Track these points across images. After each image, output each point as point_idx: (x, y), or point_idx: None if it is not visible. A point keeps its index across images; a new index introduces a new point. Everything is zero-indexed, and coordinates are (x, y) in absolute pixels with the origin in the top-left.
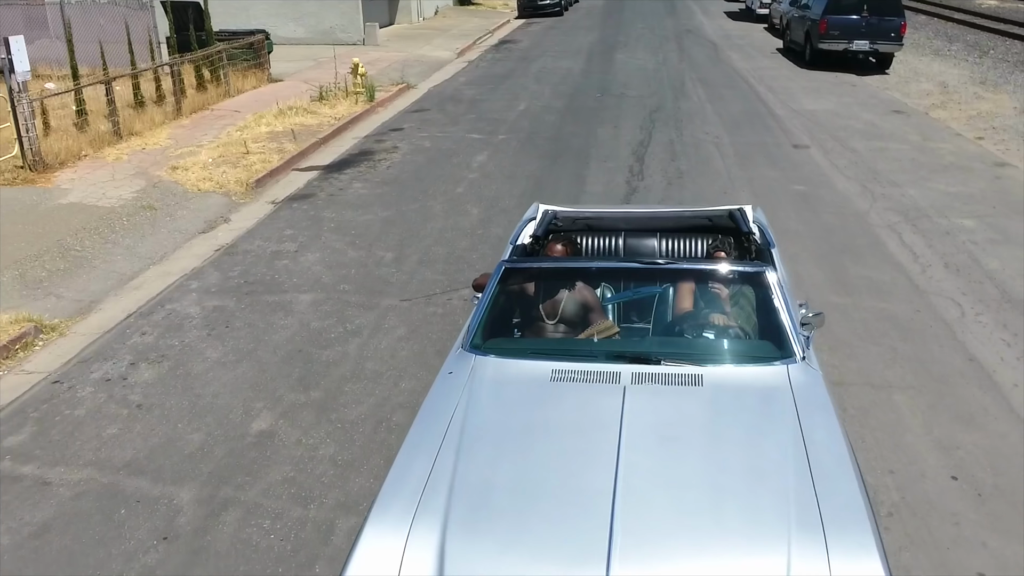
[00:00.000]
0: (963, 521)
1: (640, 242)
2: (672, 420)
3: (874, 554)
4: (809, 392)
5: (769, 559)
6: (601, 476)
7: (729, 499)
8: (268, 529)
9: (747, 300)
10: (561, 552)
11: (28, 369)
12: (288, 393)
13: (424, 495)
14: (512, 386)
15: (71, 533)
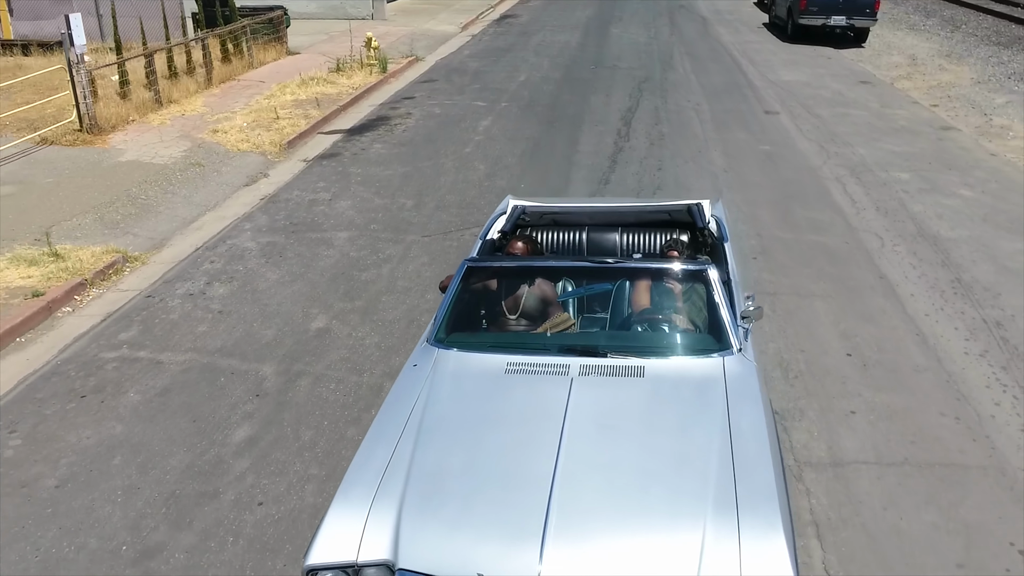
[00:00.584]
0: (848, 381)
1: (602, 237)
2: (612, 410)
3: (780, 533)
4: (741, 383)
5: (687, 536)
6: (543, 462)
7: (655, 482)
8: (333, 389)
9: (698, 295)
10: (502, 531)
11: (123, 288)
12: (337, 302)
13: (383, 481)
14: (470, 379)
15: (186, 393)
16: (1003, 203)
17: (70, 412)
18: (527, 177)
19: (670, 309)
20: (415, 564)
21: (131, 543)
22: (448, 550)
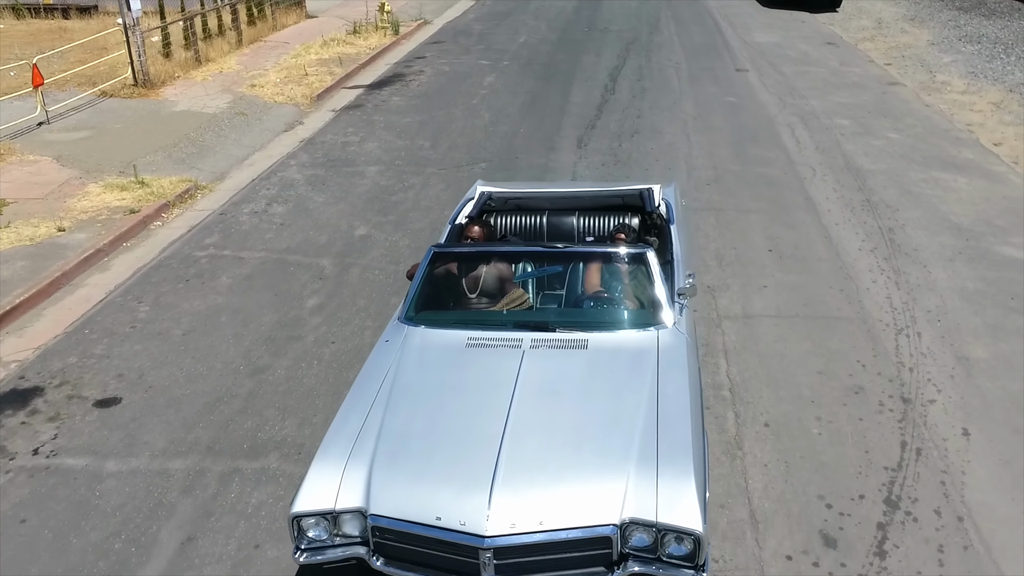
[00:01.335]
0: (766, 268)
1: (561, 220)
2: (556, 378)
3: (692, 484)
4: (672, 353)
5: (612, 486)
6: (494, 424)
7: (588, 440)
8: (377, 274)
9: (641, 274)
10: (458, 481)
11: (199, 208)
12: (374, 217)
13: (357, 442)
14: (435, 352)
15: (265, 278)
16: (922, 144)
17: (180, 289)
18: (525, 123)
19: (616, 287)
20: (383, 510)
21: (245, 365)
22: (411, 498)
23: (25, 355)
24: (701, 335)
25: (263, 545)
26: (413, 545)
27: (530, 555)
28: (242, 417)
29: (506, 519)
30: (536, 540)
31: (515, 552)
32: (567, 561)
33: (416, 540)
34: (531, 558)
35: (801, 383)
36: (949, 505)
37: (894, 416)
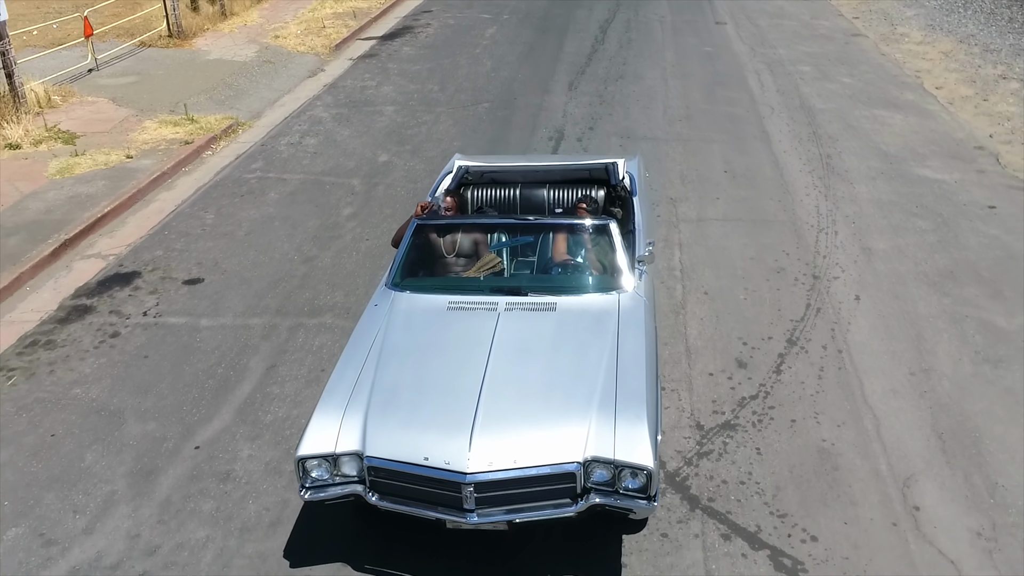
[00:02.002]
0: (720, 184)
1: (533, 193)
2: (528, 337)
3: (645, 427)
4: (631, 315)
5: (576, 429)
6: (473, 377)
7: (556, 391)
8: (399, 190)
9: (604, 243)
10: (442, 426)
11: (242, 141)
12: (393, 147)
13: (352, 394)
14: (419, 315)
15: (306, 193)
16: (871, 87)
17: (236, 203)
18: (523, 70)
19: (581, 255)
20: (378, 452)
21: (298, 256)
22: (402, 441)
23: (119, 250)
24: (662, 237)
25: (327, 369)
26: (404, 482)
27: (505, 489)
28: (300, 290)
29: (484, 458)
30: (511, 476)
31: (492, 487)
32: (538, 494)
33: (406, 478)
34: (506, 492)
35: (736, 266)
36: (834, 343)
37: (804, 287)
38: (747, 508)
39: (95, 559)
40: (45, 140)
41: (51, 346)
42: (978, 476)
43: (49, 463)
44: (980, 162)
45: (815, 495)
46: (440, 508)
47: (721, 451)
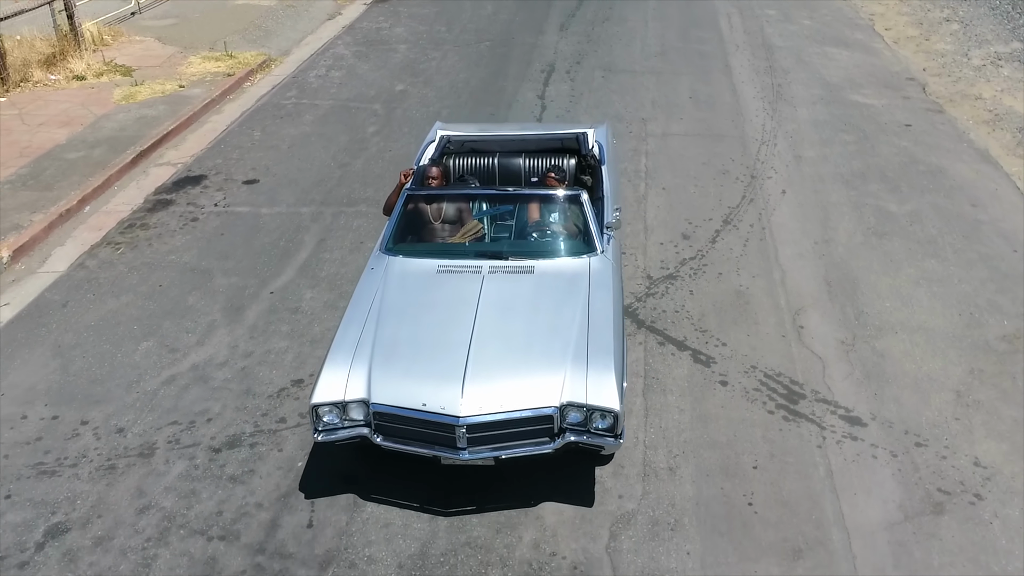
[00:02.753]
0: (684, 108)
1: (510, 161)
2: (510, 297)
3: (612, 376)
4: (600, 276)
5: (553, 378)
6: (462, 333)
7: (536, 344)
8: (414, 114)
9: (575, 212)
10: (437, 376)
11: (275, 74)
12: (408, 78)
13: (357, 349)
14: (412, 277)
15: (336, 115)
16: (827, 28)
17: (278, 123)
18: (521, 14)
19: (555, 223)
20: (381, 399)
21: (334, 163)
22: (402, 390)
23: (185, 159)
24: (631, 148)
25: (365, 241)
26: (404, 425)
27: (492, 430)
28: (338, 188)
29: (475, 404)
30: (497, 419)
31: (482, 428)
32: (520, 434)
33: (407, 421)
34: (493, 432)
35: (690, 169)
36: (759, 222)
37: (743, 184)
38: (678, 327)
39: (207, 360)
40: (105, 72)
41: (145, 227)
42: (850, 307)
43: (162, 303)
44: (908, 91)
45: (729, 319)
46: (436, 447)
47: (663, 293)
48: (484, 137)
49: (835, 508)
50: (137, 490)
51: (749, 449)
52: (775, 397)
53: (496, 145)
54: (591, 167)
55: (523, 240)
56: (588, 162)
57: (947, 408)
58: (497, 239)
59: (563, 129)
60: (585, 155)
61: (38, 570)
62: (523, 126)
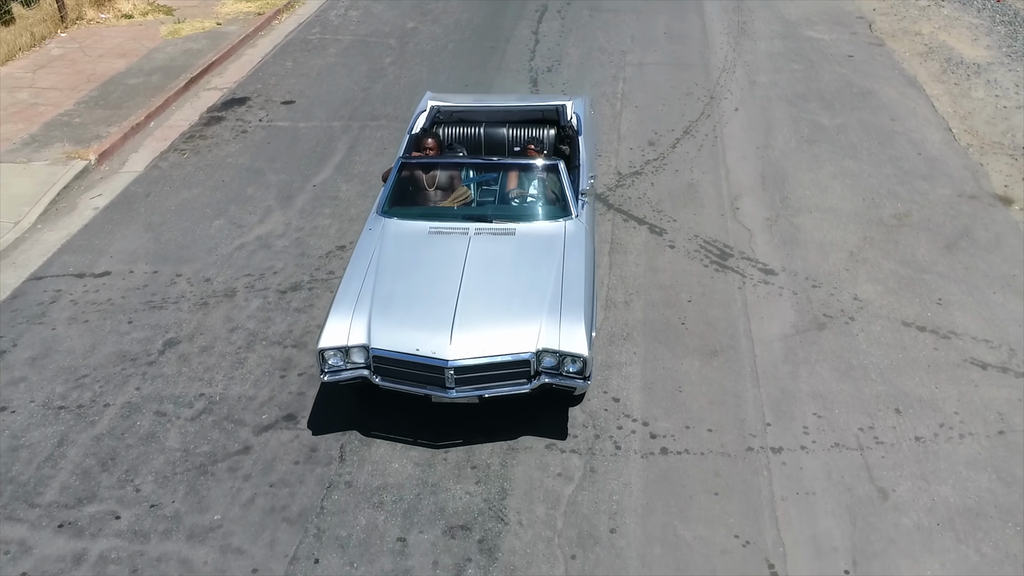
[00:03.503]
0: (659, 42)
1: (495, 131)
2: (494, 256)
3: (582, 325)
4: (574, 238)
5: (531, 327)
6: (451, 287)
7: (516, 298)
8: (425, 45)
9: (553, 180)
10: (428, 325)
11: (299, 14)
12: (418, 17)
13: (357, 301)
14: (406, 238)
15: (356, 48)
16: None
17: (306, 55)
18: None
19: (535, 189)
20: (380, 345)
21: (357, 87)
22: (398, 336)
23: (230, 85)
24: (611, 75)
25: (388, 148)
26: (400, 367)
27: (477, 372)
28: (362, 106)
29: (461, 349)
30: (481, 362)
31: (467, 370)
32: (501, 376)
33: (402, 364)
34: (477, 374)
35: (660, 91)
36: (713, 132)
37: (703, 103)
38: (640, 208)
39: (268, 232)
40: (149, 12)
41: (203, 138)
42: (777, 195)
43: (226, 193)
44: (856, 28)
45: (680, 203)
46: (427, 386)
47: (630, 184)
48: (471, 108)
49: (745, 327)
50: (226, 317)
51: (686, 290)
52: (710, 256)
53: (482, 115)
54: (569, 137)
55: (506, 205)
56: (567, 132)
57: (841, 263)
58: (483, 203)
59: (544, 101)
60: (564, 126)
61: (163, 367)
62: (507, 97)
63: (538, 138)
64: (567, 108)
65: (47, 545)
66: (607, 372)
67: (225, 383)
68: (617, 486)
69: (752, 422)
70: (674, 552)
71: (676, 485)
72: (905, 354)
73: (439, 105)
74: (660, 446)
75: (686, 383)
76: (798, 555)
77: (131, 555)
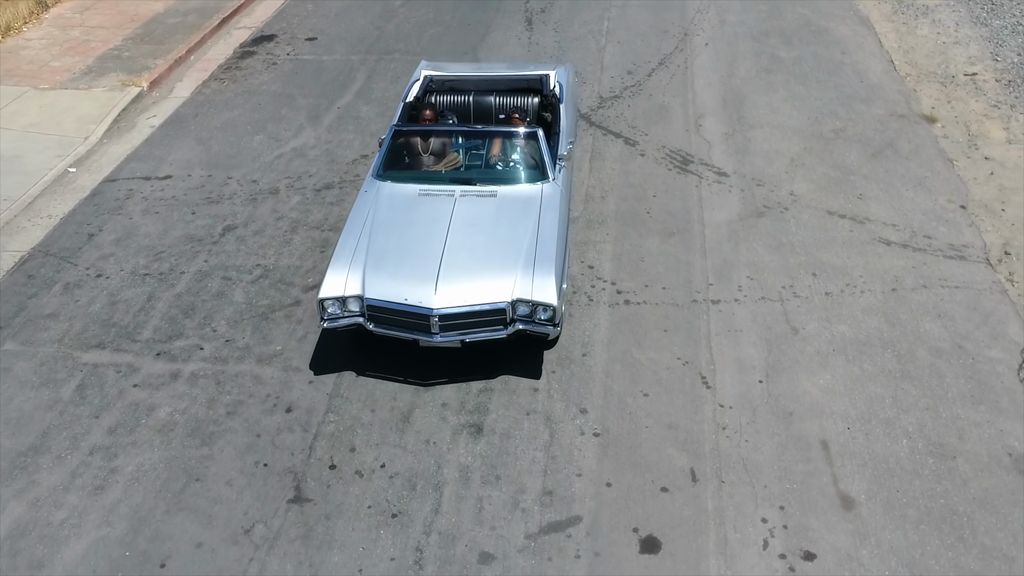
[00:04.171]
0: None
1: (483, 99)
2: (476, 216)
3: (552, 276)
4: (550, 200)
5: (507, 279)
6: (438, 244)
7: (495, 254)
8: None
9: (532, 146)
10: (416, 278)
11: None
12: None
13: (353, 256)
14: (398, 199)
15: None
16: None
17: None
18: None
19: (516, 155)
20: (373, 295)
21: (371, 26)
22: (389, 288)
23: (258, 24)
24: (597, 15)
25: (400, 77)
26: (391, 315)
27: (459, 319)
28: (377, 43)
29: (445, 299)
30: (463, 311)
31: (450, 318)
32: (481, 323)
33: (393, 312)
34: (459, 321)
35: (640, 29)
36: (684, 64)
37: (677, 39)
38: (617, 125)
39: (302, 144)
40: None
41: (239, 69)
42: (735, 114)
43: (263, 114)
44: None
45: (652, 121)
46: (415, 332)
47: (610, 106)
48: (462, 77)
49: (699, 215)
50: (272, 209)
51: (652, 188)
52: (674, 162)
53: (472, 85)
54: (551, 105)
55: (489, 169)
56: (549, 101)
57: (783, 167)
58: (470, 168)
59: (529, 71)
60: (547, 95)
61: (224, 246)
62: (496, 67)
63: (522, 107)
64: (550, 78)
65: (149, 367)
66: (585, 248)
67: (276, 256)
68: (589, 326)
69: (698, 283)
70: (630, 369)
71: (634, 325)
72: (826, 234)
73: (432, 75)
74: (624, 299)
75: (647, 255)
76: (725, 371)
77: (215, 373)
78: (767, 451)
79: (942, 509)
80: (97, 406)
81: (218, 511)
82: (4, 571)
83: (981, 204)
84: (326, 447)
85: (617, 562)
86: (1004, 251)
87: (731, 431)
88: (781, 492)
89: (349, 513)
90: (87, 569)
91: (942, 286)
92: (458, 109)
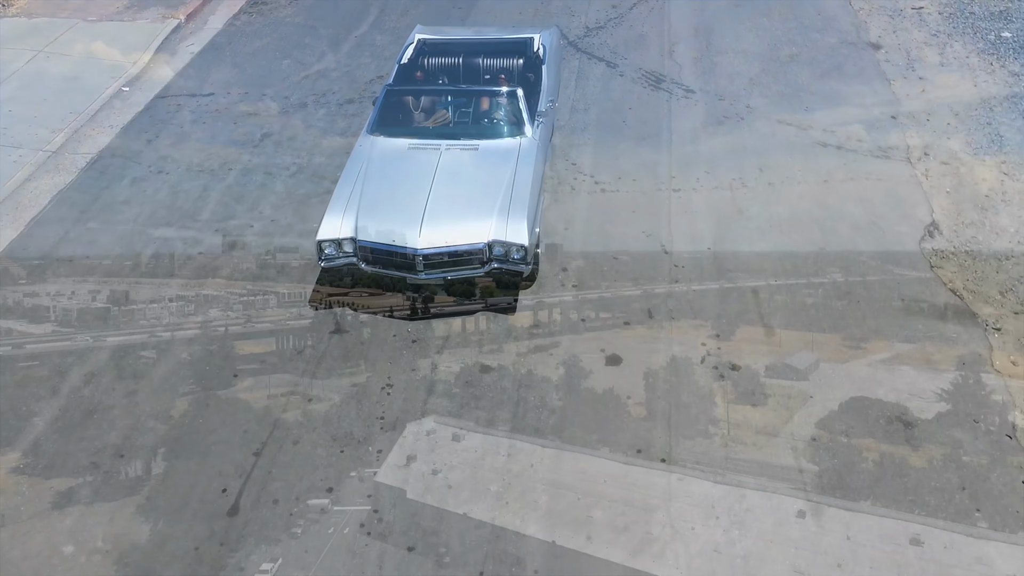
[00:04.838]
0: None
1: (472, 61)
2: (460, 166)
3: (524, 220)
4: (526, 152)
5: (485, 223)
6: (423, 192)
7: (475, 201)
8: None
9: (513, 104)
10: (403, 222)
11: None
12: None
13: (348, 202)
14: (390, 152)
15: None
16: None
17: None
18: None
19: (499, 111)
20: (365, 237)
21: None
22: (380, 230)
23: None
24: None
25: (409, 11)
26: (381, 255)
27: (441, 259)
28: None
29: (428, 240)
30: (444, 251)
31: (433, 257)
32: (461, 261)
33: (383, 253)
34: (442, 261)
35: None
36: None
37: None
38: (600, 51)
39: (325, 68)
40: None
41: (264, 3)
42: (704, 42)
43: (289, 42)
44: None
45: (631, 47)
46: (403, 270)
47: (594, 35)
48: (452, 40)
49: (668, 123)
50: (303, 120)
51: (629, 102)
52: (649, 81)
53: (462, 48)
54: (536, 66)
55: (473, 125)
56: (532, 62)
57: (743, 86)
58: (456, 124)
59: (516, 34)
60: (530, 56)
61: (264, 148)
62: (486, 30)
63: (508, 68)
64: (535, 40)
65: (208, 240)
66: (569, 149)
67: (308, 156)
68: (571, 208)
69: (662, 176)
70: (603, 239)
71: (608, 208)
72: (774, 139)
73: (425, 38)
74: (600, 188)
75: (622, 155)
76: (680, 241)
77: (264, 243)
78: (710, 297)
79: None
80: (168, 268)
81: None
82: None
83: (910, 115)
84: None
85: (588, 370)
86: (924, 152)
87: (683, 284)
88: (717, 326)
89: (378, 341)
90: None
91: (866, 179)
92: (449, 70)
